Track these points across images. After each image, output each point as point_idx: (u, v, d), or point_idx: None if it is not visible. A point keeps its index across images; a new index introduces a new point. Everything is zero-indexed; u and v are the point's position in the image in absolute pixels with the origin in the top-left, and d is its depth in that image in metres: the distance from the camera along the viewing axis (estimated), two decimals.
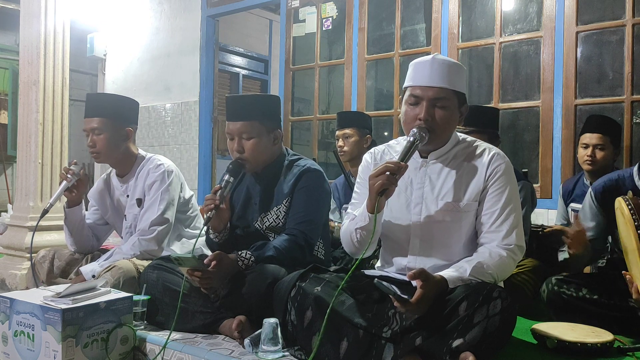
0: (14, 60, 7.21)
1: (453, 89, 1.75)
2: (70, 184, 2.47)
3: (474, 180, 1.78)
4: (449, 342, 1.50)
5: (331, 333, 1.66)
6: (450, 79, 1.75)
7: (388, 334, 1.60)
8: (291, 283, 1.79)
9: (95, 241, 2.67)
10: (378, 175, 1.63)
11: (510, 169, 1.81)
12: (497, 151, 1.83)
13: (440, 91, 1.74)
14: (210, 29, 5.31)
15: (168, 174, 2.47)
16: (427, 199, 1.80)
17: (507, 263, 1.73)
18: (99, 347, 1.89)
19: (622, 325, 2.02)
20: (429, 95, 1.74)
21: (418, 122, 1.74)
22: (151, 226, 2.40)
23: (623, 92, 3.35)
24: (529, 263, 2.46)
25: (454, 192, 1.78)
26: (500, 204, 1.74)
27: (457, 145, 1.85)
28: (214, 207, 2.02)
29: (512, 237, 1.73)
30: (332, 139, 6.49)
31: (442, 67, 1.75)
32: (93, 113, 2.46)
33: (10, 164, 7.40)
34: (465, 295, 1.54)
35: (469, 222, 1.78)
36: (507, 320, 1.56)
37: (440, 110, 1.75)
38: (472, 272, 1.64)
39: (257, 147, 2.13)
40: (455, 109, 1.78)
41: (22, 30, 3.48)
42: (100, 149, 2.46)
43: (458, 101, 1.78)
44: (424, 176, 1.82)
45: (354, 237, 1.79)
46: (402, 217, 1.83)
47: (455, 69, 1.78)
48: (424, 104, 1.74)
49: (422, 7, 4.85)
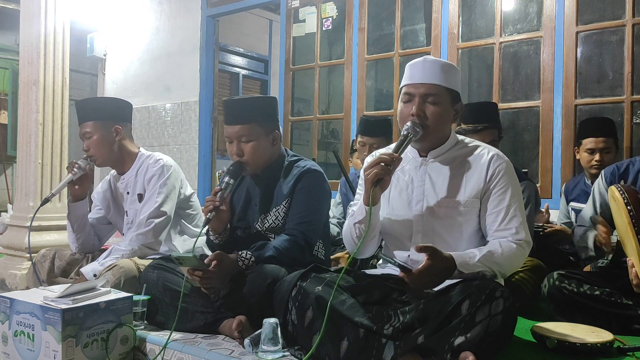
0: (14, 60, 7.21)
1: (445, 86, 1.79)
2: (75, 177, 2.48)
3: (474, 178, 1.81)
4: (451, 340, 1.51)
5: (332, 332, 1.66)
6: (442, 76, 1.79)
7: (389, 331, 1.61)
8: (292, 283, 1.79)
9: (96, 241, 2.68)
10: (372, 166, 1.68)
11: (510, 168, 1.83)
12: (496, 152, 1.86)
13: (432, 87, 1.78)
14: (210, 29, 5.31)
15: (167, 168, 2.48)
16: (428, 196, 1.84)
17: (517, 255, 1.75)
18: (99, 347, 1.89)
19: (623, 322, 2.02)
20: (421, 92, 1.79)
21: (411, 117, 1.79)
22: (148, 219, 2.41)
23: (623, 92, 3.35)
24: (528, 262, 2.46)
25: (454, 190, 1.81)
26: (506, 203, 1.77)
27: (456, 146, 1.88)
28: (214, 208, 2.02)
29: (521, 233, 1.76)
30: (332, 139, 6.50)
31: (433, 65, 1.81)
32: (83, 118, 2.50)
33: (10, 164, 7.40)
34: (467, 294, 1.55)
35: (470, 220, 1.80)
36: (509, 320, 1.57)
37: (431, 106, 1.79)
38: (481, 259, 1.66)
39: (256, 149, 2.13)
40: (447, 106, 1.82)
41: (22, 30, 3.49)
42: (93, 151, 2.49)
43: (451, 98, 1.82)
44: (424, 174, 1.86)
45: (354, 233, 1.83)
46: (404, 214, 1.86)
47: (447, 68, 1.82)
48: (416, 100, 1.79)
49: (422, 7, 4.85)
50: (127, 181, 2.56)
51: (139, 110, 5.47)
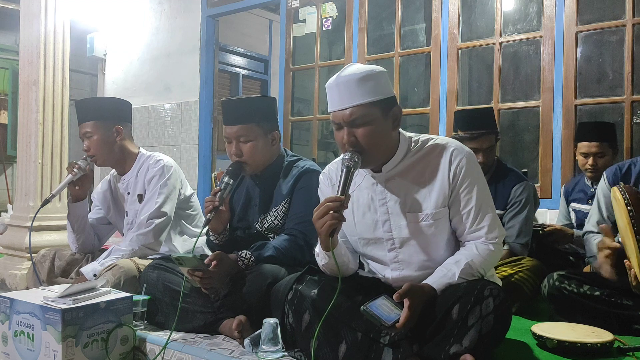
0: (14, 60, 7.22)
1: (369, 101, 1.63)
2: (75, 178, 2.48)
3: (437, 185, 1.70)
4: (446, 348, 1.50)
5: (330, 336, 1.65)
6: (361, 92, 1.62)
7: (386, 340, 1.60)
8: (288, 286, 1.77)
9: (96, 241, 2.69)
10: (322, 216, 1.56)
11: (472, 161, 1.72)
12: (455, 146, 1.72)
13: (354, 110, 1.62)
14: (210, 29, 5.31)
15: (167, 169, 2.49)
16: (392, 214, 1.74)
17: (495, 254, 1.71)
18: (99, 347, 1.89)
19: (623, 322, 2.02)
20: (345, 118, 1.64)
21: (345, 147, 1.66)
22: (149, 219, 2.41)
23: (623, 92, 3.35)
24: (528, 262, 2.46)
25: (419, 203, 1.71)
26: (473, 203, 1.68)
27: (410, 153, 1.74)
28: (213, 208, 2.02)
29: (494, 230, 1.70)
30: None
31: (348, 84, 1.63)
32: (83, 118, 2.50)
33: (10, 164, 7.40)
34: (456, 298, 1.53)
35: (442, 228, 1.72)
36: (502, 317, 1.54)
37: (361, 128, 1.64)
38: (461, 274, 1.62)
39: (255, 149, 2.13)
40: (379, 120, 1.65)
41: (22, 30, 3.49)
42: (94, 151, 2.49)
43: (381, 110, 1.65)
44: (383, 191, 1.75)
45: (327, 271, 1.78)
46: (373, 235, 1.78)
47: (364, 79, 1.63)
48: (344, 128, 1.65)
49: (422, 7, 4.85)
50: (128, 182, 2.56)
51: (138, 110, 5.46)
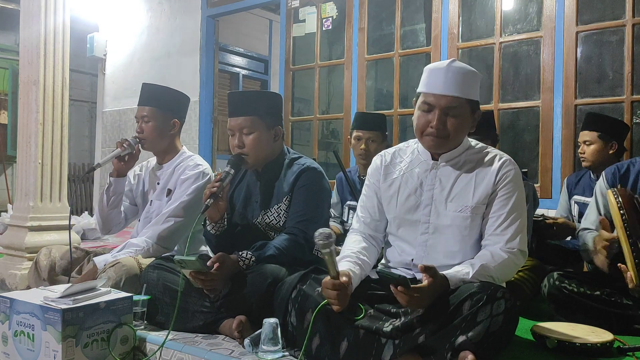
0: (14, 60, 7.22)
1: (466, 98, 1.75)
2: (123, 153, 2.52)
3: (483, 184, 1.79)
4: (452, 340, 1.51)
5: (331, 333, 1.66)
6: (464, 88, 1.74)
7: (389, 329, 1.61)
8: (292, 285, 1.79)
9: (124, 220, 2.70)
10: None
11: (518, 176, 1.82)
12: (507, 158, 1.84)
13: (453, 100, 1.74)
14: (210, 29, 5.31)
15: (203, 176, 2.52)
16: (436, 200, 1.82)
17: (509, 265, 1.74)
18: (99, 347, 1.89)
19: (623, 322, 2.03)
20: (442, 104, 1.74)
21: (430, 129, 1.76)
22: (168, 216, 2.44)
23: (623, 92, 3.35)
24: (527, 262, 2.46)
25: (463, 195, 1.79)
26: (507, 209, 1.76)
27: (468, 150, 1.86)
28: (211, 195, 2.01)
29: (515, 241, 1.74)
30: (332, 139, 6.50)
31: (456, 75, 1.74)
32: (145, 102, 2.58)
33: (10, 164, 7.41)
34: (469, 294, 1.55)
35: (476, 225, 1.79)
36: (510, 321, 1.57)
37: (452, 118, 1.75)
38: (475, 275, 1.65)
39: (256, 142, 2.14)
40: (467, 117, 1.79)
41: (22, 30, 3.48)
42: (147, 135, 2.54)
43: (471, 109, 1.79)
44: (434, 178, 1.84)
45: None
46: (411, 217, 1.85)
47: (470, 77, 1.77)
48: (436, 112, 1.75)
49: (422, 7, 4.86)
50: (162, 173, 2.60)
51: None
